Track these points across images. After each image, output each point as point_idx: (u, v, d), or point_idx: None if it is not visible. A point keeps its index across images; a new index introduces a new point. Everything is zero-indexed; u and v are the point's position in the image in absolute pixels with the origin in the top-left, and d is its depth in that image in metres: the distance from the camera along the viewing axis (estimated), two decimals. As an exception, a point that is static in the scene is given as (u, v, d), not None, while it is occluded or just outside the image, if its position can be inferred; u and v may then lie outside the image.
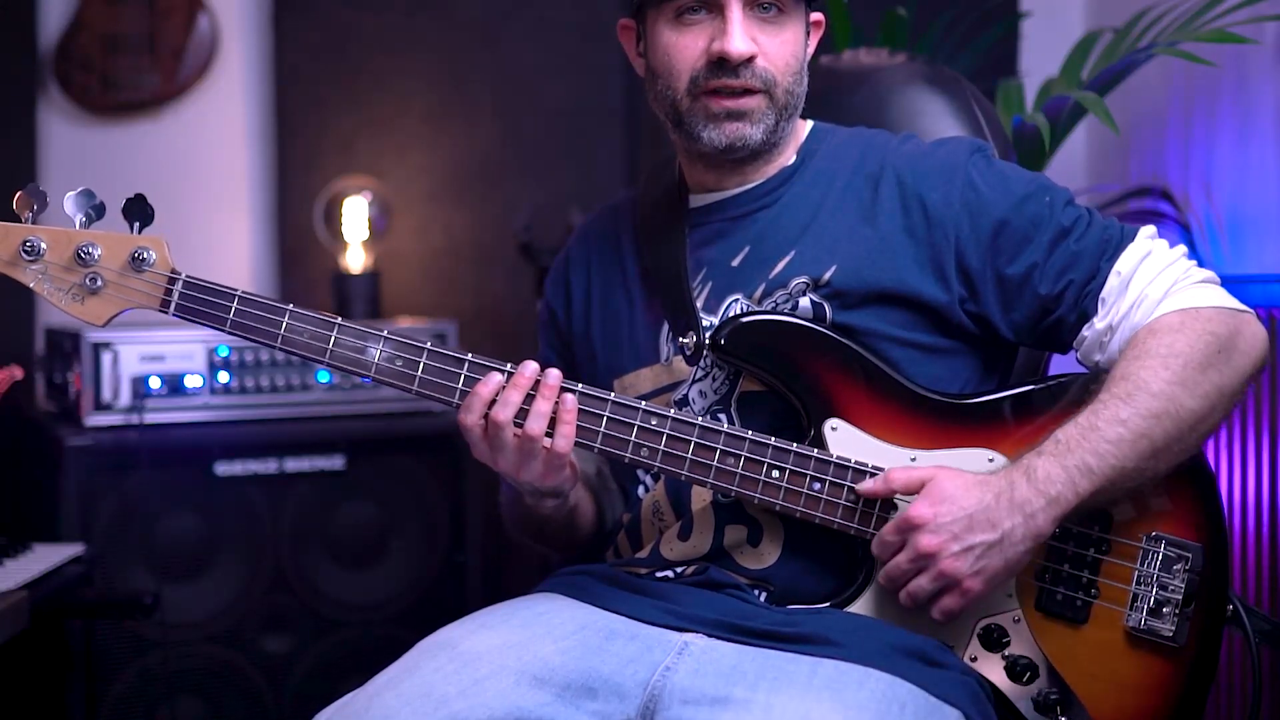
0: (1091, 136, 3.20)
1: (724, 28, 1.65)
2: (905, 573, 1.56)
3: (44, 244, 1.59)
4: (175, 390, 2.56)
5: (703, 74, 1.67)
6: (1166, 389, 1.57)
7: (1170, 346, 1.60)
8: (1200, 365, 1.59)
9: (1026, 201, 1.69)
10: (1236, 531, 2.39)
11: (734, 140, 1.69)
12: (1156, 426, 1.57)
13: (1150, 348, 1.60)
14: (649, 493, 1.76)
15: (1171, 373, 1.58)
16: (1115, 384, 1.59)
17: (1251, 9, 2.39)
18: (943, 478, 1.56)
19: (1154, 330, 1.62)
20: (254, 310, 1.62)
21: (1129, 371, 1.59)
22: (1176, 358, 1.59)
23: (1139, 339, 1.62)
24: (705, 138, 1.69)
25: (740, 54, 1.65)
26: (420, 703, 1.51)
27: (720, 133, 1.69)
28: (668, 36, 1.69)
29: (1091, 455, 1.55)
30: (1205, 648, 1.64)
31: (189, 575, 2.55)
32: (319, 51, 3.19)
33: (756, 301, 1.71)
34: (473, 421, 1.60)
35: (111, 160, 3.12)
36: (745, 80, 1.66)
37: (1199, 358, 1.60)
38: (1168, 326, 1.62)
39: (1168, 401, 1.57)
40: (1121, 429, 1.56)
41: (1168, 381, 1.57)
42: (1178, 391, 1.58)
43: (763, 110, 1.69)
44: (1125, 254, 1.67)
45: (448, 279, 3.25)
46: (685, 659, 1.55)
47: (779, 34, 1.68)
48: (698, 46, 1.67)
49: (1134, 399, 1.57)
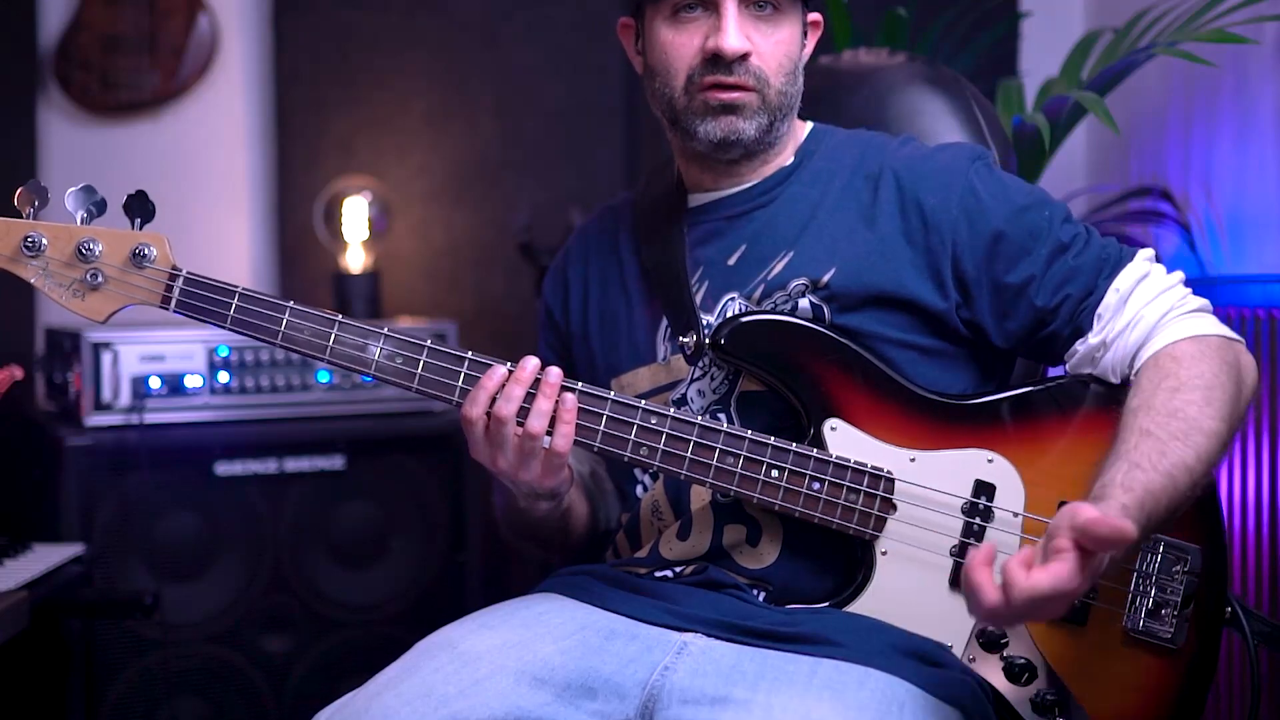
0: (1091, 136, 3.20)
1: (719, 25, 1.66)
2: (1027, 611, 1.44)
3: (45, 240, 1.59)
4: (175, 390, 2.55)
5: (698, 71, 1.68)
6: (1216, 428, 1.56)
7: (1203, 377, 1.59)
8: (1231, 399, 1.59)
9: (1026, 213, 1.69)
10: (1236, 532, 2.39)
11: (728, 134, 1.69)
12: (1208, 469, 1.57)
13: (1185, 379, 1.58)
14: (648, 492, 1.76)
15: (1214, 408, 1.57)
16: (1168, 420, 1.55)
17: (1251, 9, 2.39)
18: None
19: (1177, 359, 1.61)
20: (255, 307, 1.62)
21: (1176, 407, 1.56)
22: (1213, 390, 1.58)
23: (1164, 367, 1.61)
24: (701, 132, 1.70)
25: (735, 51, 1.65)
26: (420, 703, 1.51)
27: (715, 126, 1.69)
28: (664, 34, 1.70)
29: (1165, 510, 1.51)
30: (1204, 649, 1.64)
31: (189, 575, 2.55)
32: (319, 51, 3.19)
33: (755, 302, 1.71)
34: (477, 414, 1.60)
35: (111, 160, 3.12)
36: (739, 77, 1.67)
37: (1229, 390, 1.60)
38: (1189, 355, 1.61)
39: (1218, 441, 1.56)
40: (1189, 479, 1.53)
41: (1214, 419, 1.56)
42: (1223, 429, 1.57)
43: (755, 107, 1.69)
44: (1124, 273, 1.67)
45: (448, 279, 3.25)
46: (685, 659, 1.55)
47: (774, 33, 1.69)
48: (694, 44, 1.68)
49: (1192, 440, 1.54)
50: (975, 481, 1.64)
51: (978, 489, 1.63)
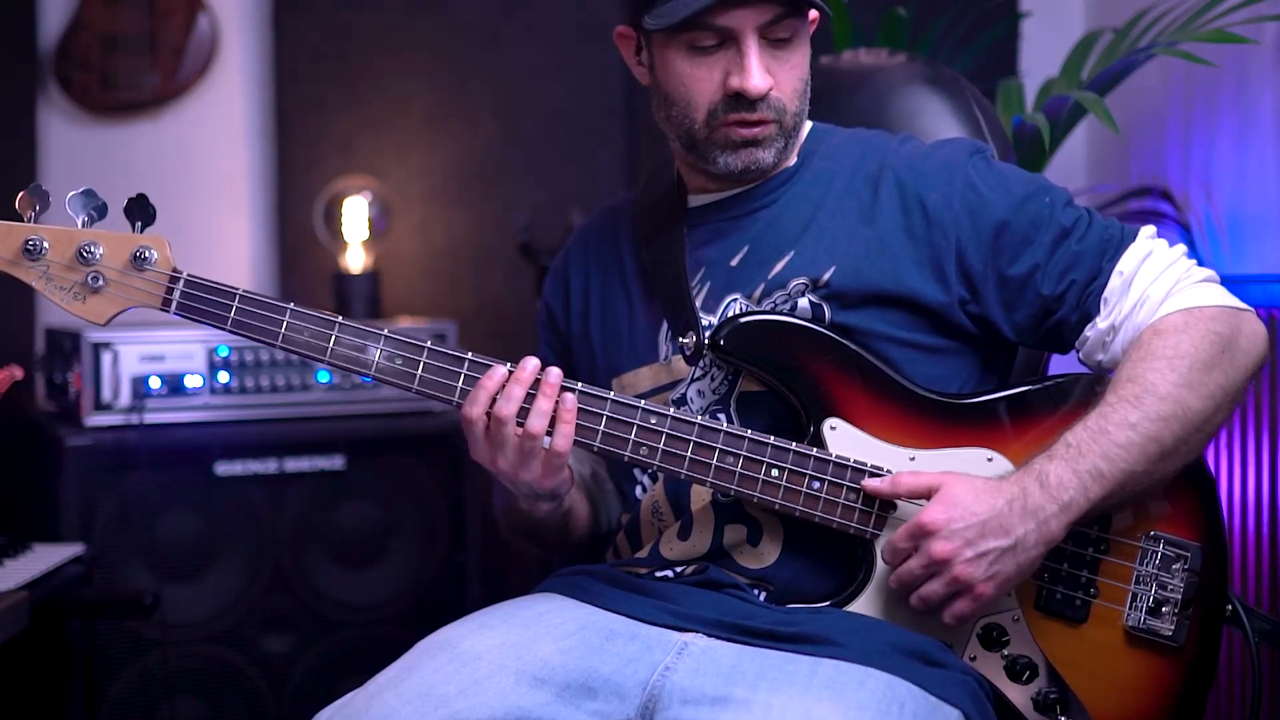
0: (1091, 136, 3.20)
1: (741, 63, 1.64)
2: (917, 577, 1.56)
3: (46, 243, 1.59)
4: (175, 390, 2.56)
5: (721, 107, 1.67)
6: (1174, 391, 1.57)
7: (1176, 347, 1.60)
8: (1206, 365, 1.60)
9: (1027, 202, 1.69)
10: (1236, 531, 2.39)
11: (749, 165, 1.70)
12: (1165, 429, 1.57)
13: (1155, 349, 1.60)
14: (648, 492, 1.76)
15: (1178, 374, 1.58)
16: (1123, 386, 1.59)
17: (1251, 9, 2.39)
18: (954, 483, 1.56)
19: (1158, 330, 1.62)
20: (255, 309, 1.62)
21: (1136, 373, 1.59)
22: (1182, 359, 1.59)
23: (1144, 339, 1.62)
24: (721, 164, 1.70)
25: (759, 91, 1.65)
26: (420, 702, 1.51)
27: (736, 159, 1.69)
28: (682, 66, 1.68)
29: (1102, 460, 1.55)
30: (1205, 647, 1.64)
31: (189, 575, 2.55)
32: (319, 51, 3.19)
33: (755, 302, 1.71)
34: (477, 414, 1.60)
35: (111, 160, 3.12)
36: (762, 113, 1.67)
37: (1204, 358, 1.60)
38: (1172, 327, 1.62)
39: (1175, 404, 1.57)
40: (1131, 433, 1.56)
41: (1174, 384, 1.58)
42: (1185, 393, 1.58)
43: (774, 136, 1.69)
44: (1127, 254, 1.67)
45: (448, 279, 3.25)
46: (685, 659, 1.55)
47: (789, 59, 1.68)
48: (714, 79, 1.66)
49: (1142, 401, 1.57)
50: (975, 481, 1.63)
51: (978, 488, 1.63)
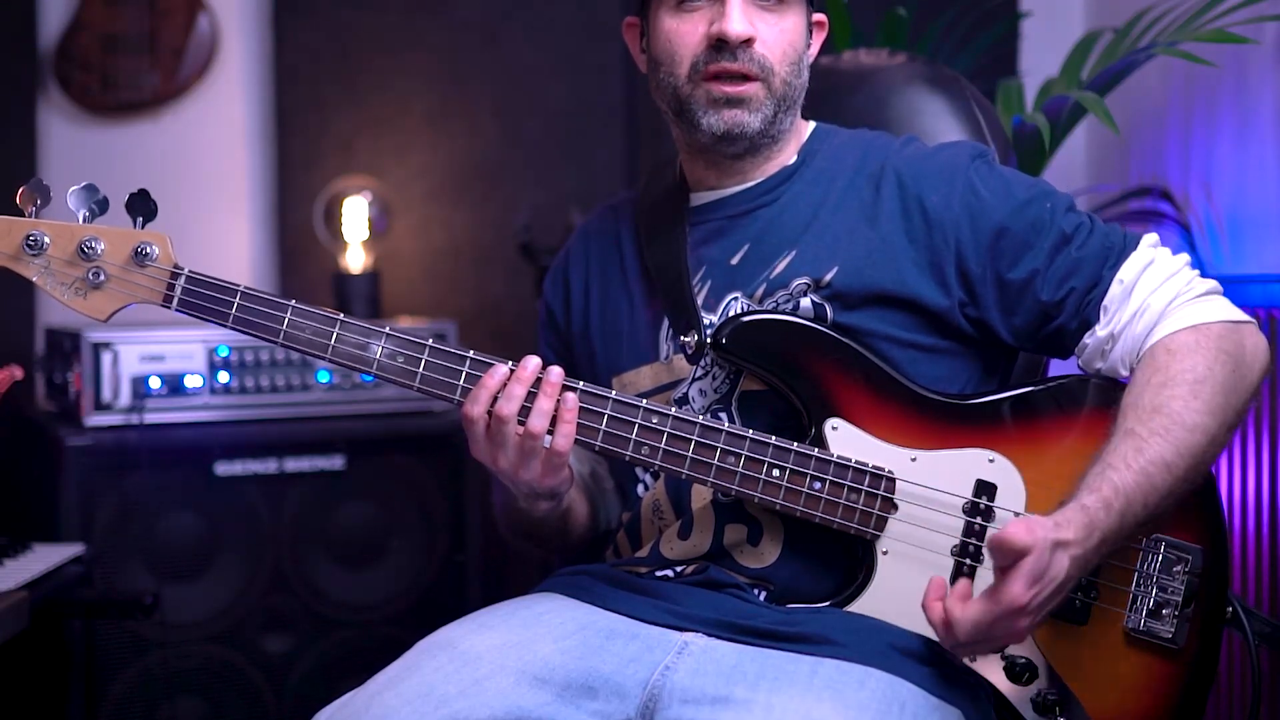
0: (1091, 136, 3.20)
1: (723, 11, 1.66)
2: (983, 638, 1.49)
3: (47, 238, 1.59)
4: (175, 390, 2.55)
5: (703, 58, 1.68)
6: (1200, 421, 1.57)
7: (1194, 370, 1.59)
8: (1224, 389, 1.59)
9: (1028, 206, 1.69)
10: (1236, 532, 2.39)
11: (732, 127, 1.69)
12: (1194, 463, 1.57)
13: (1175, 374, 1.59)
14: (649, 492, 1.76)
15: (1201, 402, 1.57)
16: (1151, 416, 1.56)
17: (1251, 9, 2.39)
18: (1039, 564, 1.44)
19: (1171, 351, 1.61)
20: (256, 306, 1.62)
21: (1159, 402, 1.57)
22: (1202, 383, 1.58)
23: (1158, 360, 1.61)
24: (704, 124, 1.70)
25: (739, 35, 1.65)
26: (420, 702, 1.51)
27: (719, 118, 1.69)
28: (668, 24, 1.70)
29: (1143, 508, 1.54)
30: (1205, 649, 1.64)
31: (189, 575, 2.55)
32: (319, 51, 3.19)
33: (757, 301, 1.71)
34: (478, 413, 1.60)
35: (111, 160, 3.12)
36: (743, 64, 1.67)
37: (1221, 381, 1.59)
38: (1184, 347, 1.61)
39: (1203, 434, 1.57)
40: (1168, 475, 1.54)
41: (1199, 412, 1.57)
42: (1209, 422, 1.57)
43: (760, 99, 1.69)
44: (1128, 262, 1.67)
45: (448, 279, 3.25)
46: (685, 658, 1.55)
47: (778, 22, 1.70)
48: (698, 31, 1.68)
49: (1172, 435, 1.55)
50: (976, 481, 1.63)
51: (979, 489, 1.63)
